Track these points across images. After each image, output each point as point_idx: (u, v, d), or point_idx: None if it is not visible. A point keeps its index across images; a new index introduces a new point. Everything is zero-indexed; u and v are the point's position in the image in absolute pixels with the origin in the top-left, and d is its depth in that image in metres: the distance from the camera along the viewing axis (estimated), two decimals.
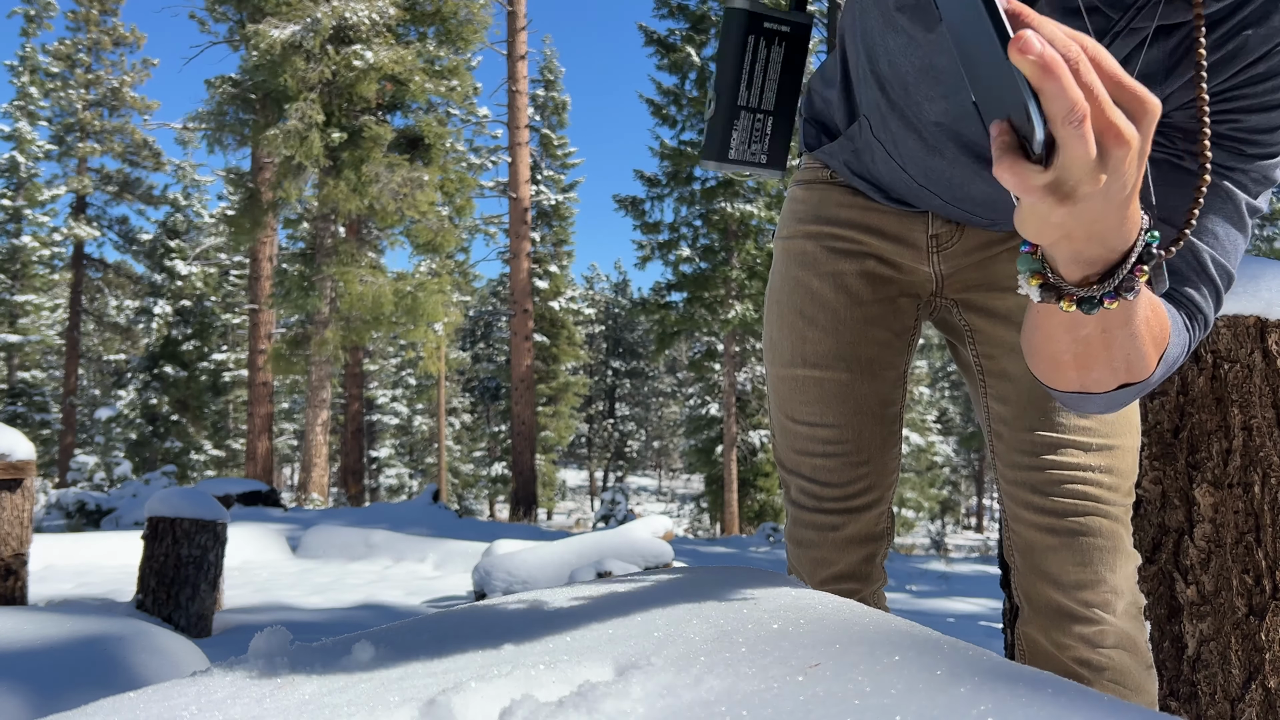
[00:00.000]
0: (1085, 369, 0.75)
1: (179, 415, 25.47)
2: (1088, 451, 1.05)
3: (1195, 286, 0.82)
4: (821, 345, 1.17)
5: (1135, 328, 0.71)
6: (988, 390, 1.14)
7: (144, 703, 0.53)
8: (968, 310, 1.16)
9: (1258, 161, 0.80)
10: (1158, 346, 0.75)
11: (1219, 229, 0.81)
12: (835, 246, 1.17)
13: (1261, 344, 1.45)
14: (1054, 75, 0.50)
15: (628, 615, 0.65)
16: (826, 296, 1.17)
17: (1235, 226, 0.82)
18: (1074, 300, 0.64)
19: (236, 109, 17.28)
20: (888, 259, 1.16)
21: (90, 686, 1.85)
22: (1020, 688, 0.49)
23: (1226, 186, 0.81)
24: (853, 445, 1.17)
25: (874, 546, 1.22)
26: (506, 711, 0.48)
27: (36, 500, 12.00)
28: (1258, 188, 0.82)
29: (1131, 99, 0.54)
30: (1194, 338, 0.84)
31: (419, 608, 5.57)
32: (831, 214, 1.17)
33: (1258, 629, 1.41)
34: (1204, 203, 0.80)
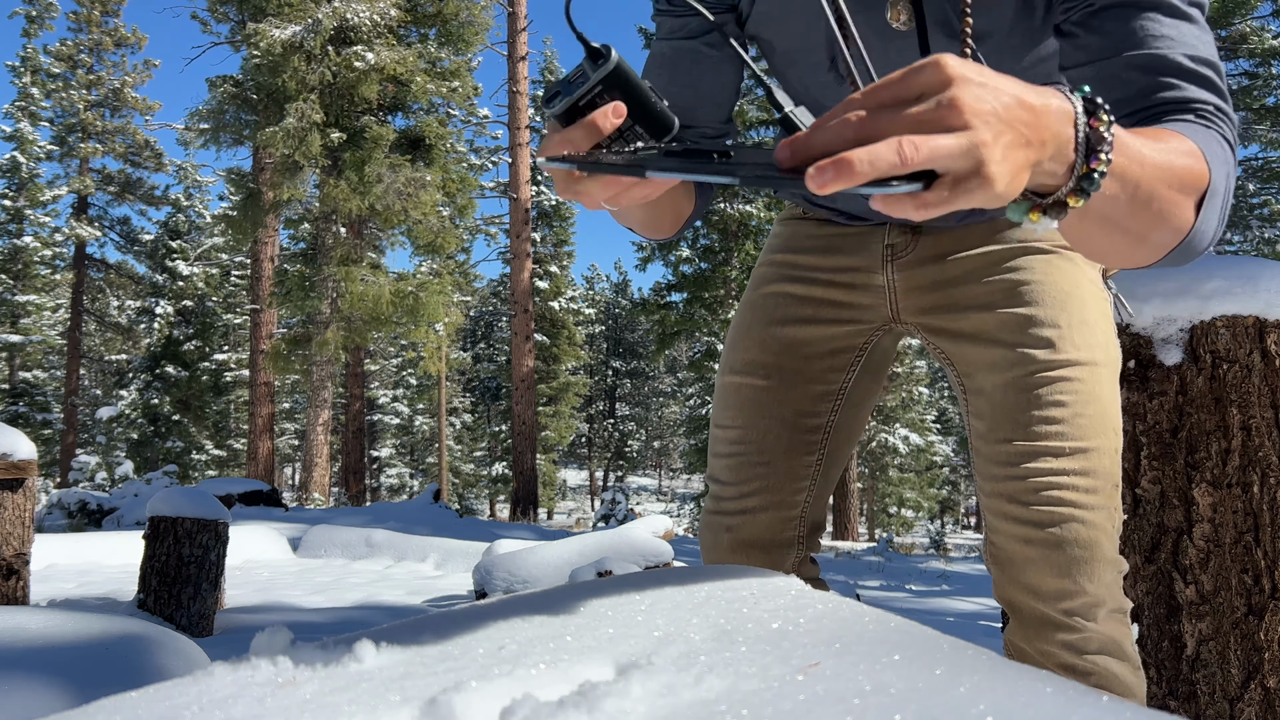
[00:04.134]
0: (1145, 238, 0.74)
1: (180, 415, 25.48)
2: (1061, 457, 1.04)
3: (1181, 89, 0.82)
4: (748, 354, 1.22)
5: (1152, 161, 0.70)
6: (968, 407, 1.14)
7: (145, 702, 0.53)
8: (934, 335, 1.17)
9: None
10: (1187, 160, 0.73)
11: (1167, 30, 0.83)
12: (791, 273, 1.23)
13: (1260, 344, 1.45)
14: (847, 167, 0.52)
15: (628, 615, 0.65)
16: (766, 311, 1.23)
17: (1180, 19, 0.84)
18: (1074, 194, 0.64)
19: (237, 109, 17.28)
20: (843, 282, 1.20)
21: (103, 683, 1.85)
22: (1020, 687, 0.49)
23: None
24: (754, 446, 1.19)
25: (776, 556, 1.21)
26: (507, 711, 0.48)
27: (38, 500, 12.01)
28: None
29: (919, 83, 0.55)
30: (1224, 131, 0.81)
31: (420, 607, 5.58)
32: (798, 244, 1.25)
33: (1256, 628, 1.41)
34: (1139, 19, 0.83)
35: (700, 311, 19.31)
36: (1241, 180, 16.07)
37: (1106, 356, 1.08)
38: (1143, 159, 0.69)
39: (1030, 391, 1.04)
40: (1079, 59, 0.88)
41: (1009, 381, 1.07)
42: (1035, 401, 1.04)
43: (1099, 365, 1.06)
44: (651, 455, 50.10)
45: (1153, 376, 1.53)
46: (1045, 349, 1.05)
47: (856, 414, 1.26)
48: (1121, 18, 0.85)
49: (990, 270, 1.12)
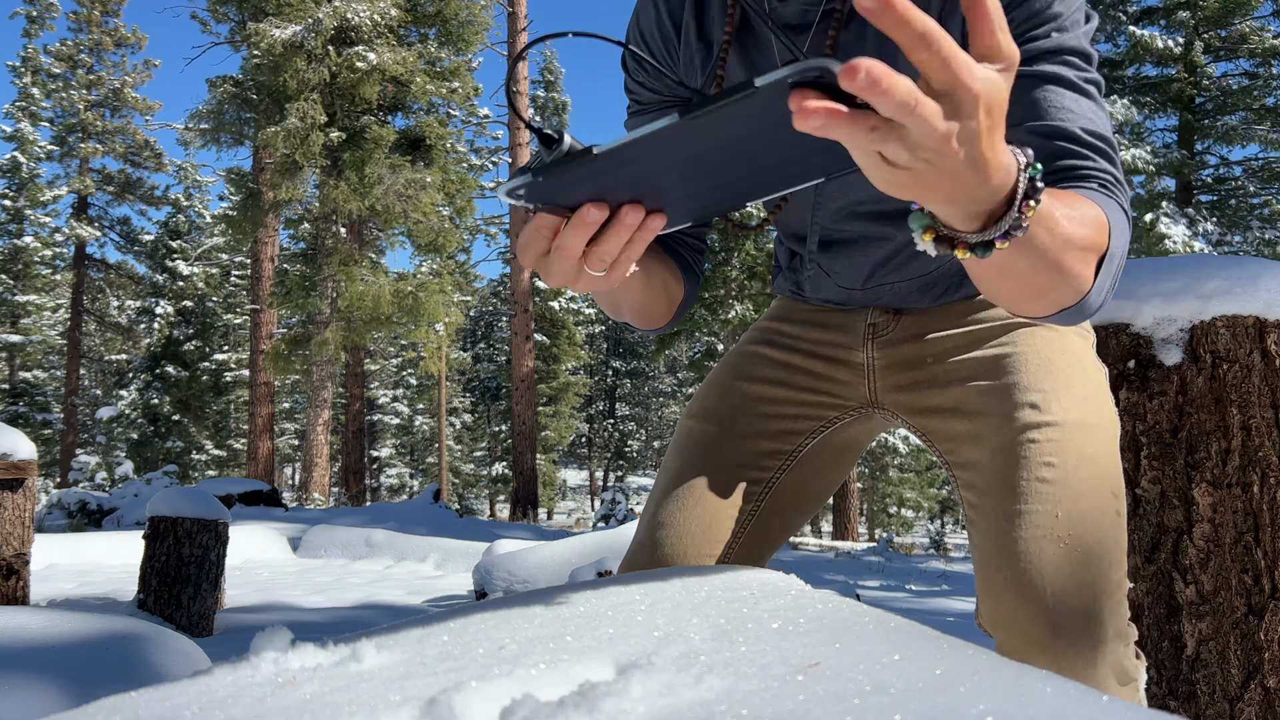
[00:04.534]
0: (1045, 292, 0.77)
1: (180, 415, 25.48)
2: (1052, 521, 0.98)
3: (1079, 156, 0.86)
4: (707, 402, 1.24)
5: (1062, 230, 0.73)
6: (959, 482, 1.10)
7: (144, 702, 0.53)
8: (915, 415, 1.15)
9: (1044, 40, 0.88)
10: (1092, 227, 0.77)
11: (1067, 103, 0.87)
12: (773, 338, 1.25)
13: (1260, 344, 1.45)
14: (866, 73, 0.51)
15: (628, 615, 0.65)
16: (738, 367, 1.25)
17: (1079, 94, 0.88)
18: (967, 247, 0.66)
19: (237, 109, 17.29)
20: (823, 354, 1.21)
21: (103, 682, 1.85)
22: (1020, 687, 0.49)
23: (1044, 70, 0.88)
24: (686, 486, 1.17)
25: None
26: (507, 711, 0.48)
27: (38, 500, 12.02)
28: (1069, 58, 0.89)
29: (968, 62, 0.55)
30: (1120, 200, 0.86)
31: (420, 607, 5.58)
32: (786, 314, 1.27)
33: (1256, 628, 1.41)
34: (1040, 91, 0.88)
35: (700, 311, 19.31)
36: (1241, 180, 16.05)
37: (1101, 419, 1.03)
38: (1054, 226, 0.72)
39: (1017, 455, 1.00)
40: None
41: (994, 449, 1.03)
42: (1024, 465, 0.99)
43: (1091, 426, 1.02)
44: (651, 455, 50.13)
45: (1153, 376, 1.53)
46: (1030, 411, 1.02)
47: (812, 479, 1.23)
48: (1024, 89, 0.88)
49: (972, 346, 1.11)
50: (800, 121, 0.52)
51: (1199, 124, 15.67)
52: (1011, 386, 1.05)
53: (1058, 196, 0.75)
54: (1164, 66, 15.67)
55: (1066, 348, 1.08)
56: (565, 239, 0.68)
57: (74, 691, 1.82)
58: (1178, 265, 1.55)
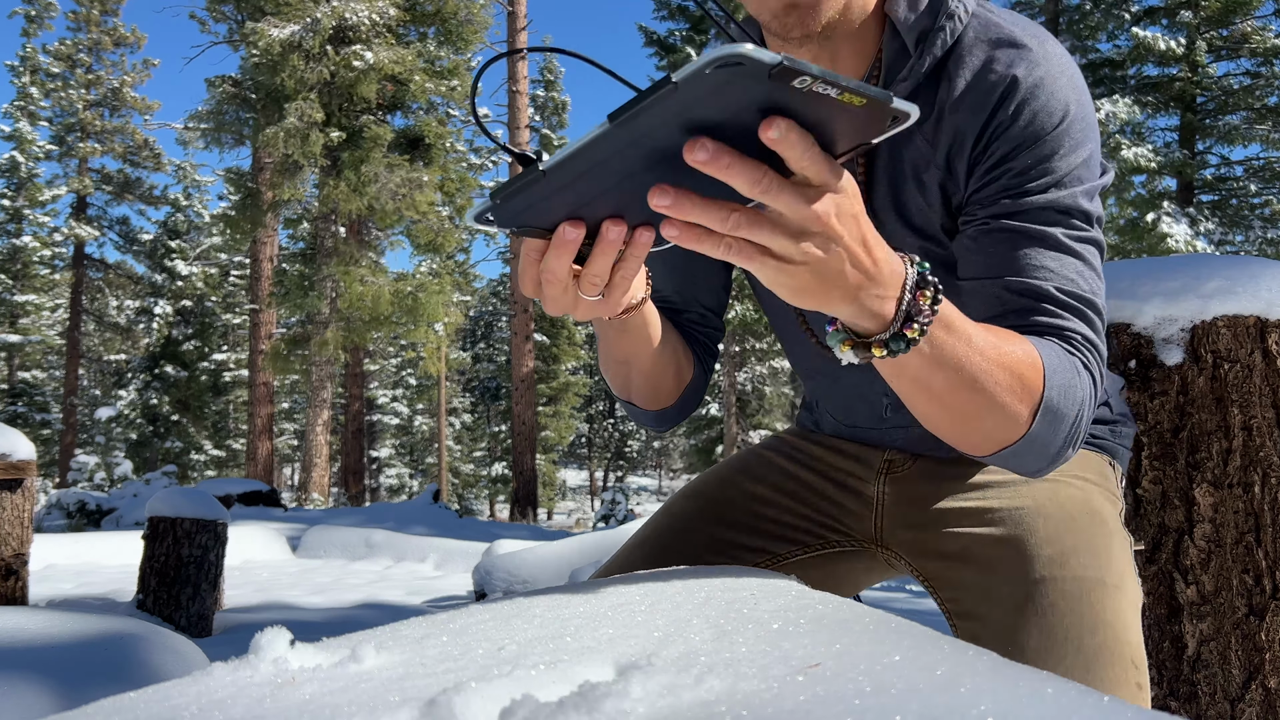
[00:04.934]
0: (971, 418, 0.78)
1: (179, 415, 25.48)
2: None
3: (1052, 314, 0.86)
4: (702, 487, 1.22)
5: (979, 349, 0.75)
6: (958, 632, 1.02)
7: (144, 702, 0.53)
8: (919, 557, 1.08)
9: (1038, 196, 0.88)
10: (1022, 362, 0.78)
11: (1049, 262, 0.87)
12: (789, 451, 1.23)
13: (1261, 344, 1.45)
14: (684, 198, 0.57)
15: (628, 615, 0.65)
16: (746, 465, 1.23)
17: (1065, 253, 0.87)
18: (881, 345, 0.70)
19: (236, 108, 17.29)
20: (835, 479, 1.17)
21: (101, 682, 1.85)
22: (1021, 688, 0.49)
23: (1032, 228, 0.88)
24: (642, 555, 1.16)
25: None
26: (506, 711, 0.48)
27: (37, 500, 12.00)
28: (1061, 217, 0.88)
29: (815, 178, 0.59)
30: (1087, 360, 0.85)
31: (420, 607, 5.58)
32: (808, 435, 1.26)
33: (1258, 629, 1.41)
34: (1024, 247, 0.88)
35: None
36: (1242, 180, 16.05)
37: (1123, 583, 0.94)
38: (969, 340, 0.74)
39: (1027, 614, 0.91)
40: (966, 273, 0.92)
41: (1003, 605, 0.93)
42: (1034, 625, 0.90)
43: (1112, 588, 0.92)
44: (651, 455, 50.13)
45: (1154, 376, 1.53)
46: (1046, 566, 0.93)
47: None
48: (1006, 243, 0.88)
49: (988, 493, 1.04)
50: (689, 152, 0.55)
51: (1200, 123, 15.68)
52: (1027, 539, 0.97)
53: (983, 325, 0.77)
54: (1166, 66, 15.68)
55: (1092, 507, 1.01)
56: (549, 262, 0.69)
57: (73, 692, 1.82)
58: (1178, 265, 1.55)
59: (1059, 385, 0.81)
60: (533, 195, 0.61)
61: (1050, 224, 0.88)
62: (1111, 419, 1.15)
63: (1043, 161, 0.89)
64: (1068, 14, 16.65)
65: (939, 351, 0.72)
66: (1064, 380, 0.81)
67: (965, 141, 0.93)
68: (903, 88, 0.95)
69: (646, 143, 0.56)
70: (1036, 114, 0.89)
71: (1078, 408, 0.83)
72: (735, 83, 0.52)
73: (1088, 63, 16.59)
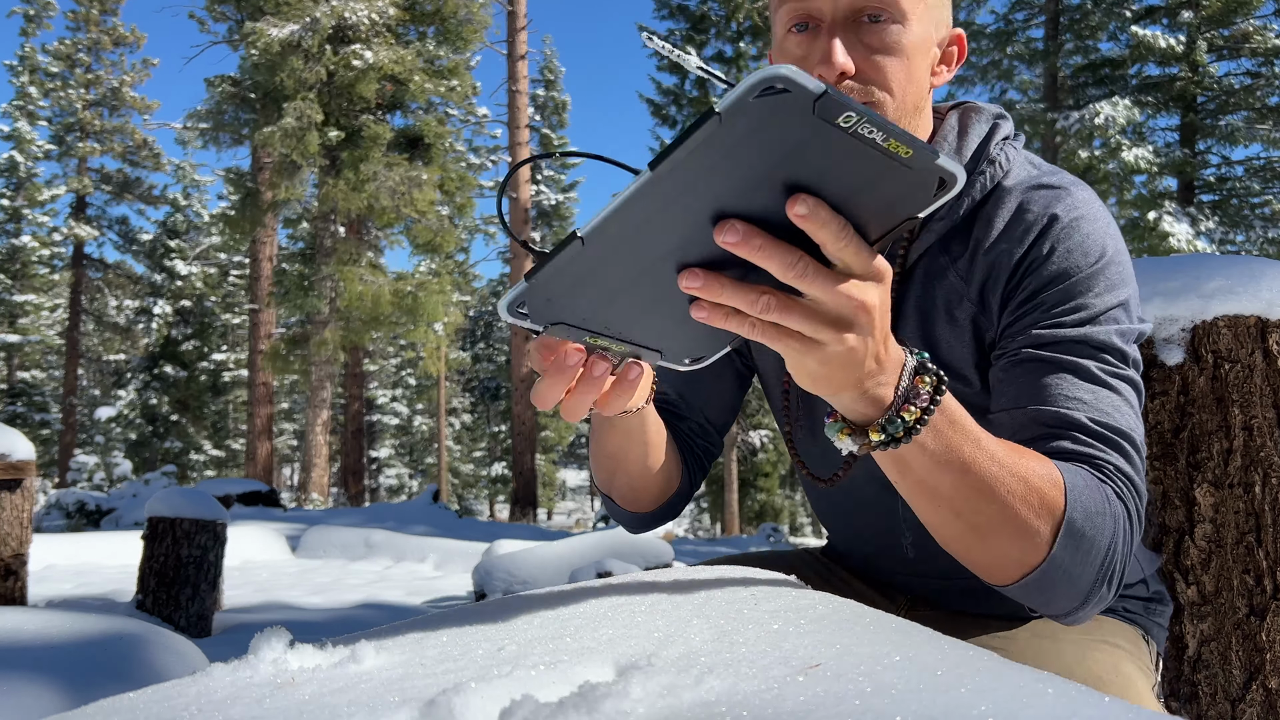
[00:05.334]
0: (985, 533, 0.74)
1: (179, 415, 25.47)
2: None
3: (1082, 443, 0.82)
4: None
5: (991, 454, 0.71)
6: None
7: (144, 703, 0.53)
8: None
9: (1072, 329, 0.87)
10: (1040, 476, 0.74)
11: (1082, 393, 0.84)
12: (823, 571, 1.20)
13: (1262, 344, 1.45)
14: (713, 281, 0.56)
15: (628, 615, 0.65)
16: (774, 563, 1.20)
17: (1099, 386, 0.85)
18: (879, 429, 0.67)
19: (235, 108, 17.29)
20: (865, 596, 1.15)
21: (100, 683, 1.85)
22: (1022, 688, 0.49)
23: (1064, 359, 0.86)
24: None
25: None
26: (506, 712, 0.48)
27: (36, 500, 12.01)
28: (1095, 352, 0.86)
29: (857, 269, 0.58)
30: (1121, 491, 0.81)
31: (419, 607, 5.57)
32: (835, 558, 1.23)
33: (1258, 629, 1.41)
34: (1056, 377, 0.85)
35: None
36: (1243, 180, 16.05)
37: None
38: (979, 443, 0.71)
39: None
40: (996, 405, 0.90)
41: None
42: None
43: None
44: None
45: (1154, 377, 1.52)
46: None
47: None
48: (1037, 372, 0.86)
49: (1009, 647, 0.99)
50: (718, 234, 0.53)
51: (1201, 123, 15.68)
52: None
53: (999, 441, 0.74)
54: (1166, 66, 15.69)
55: (1121, 670, 0.96)
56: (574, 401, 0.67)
57: (72, 692, 1.82)
58: (1179, 264, 1.55)
59: (1084, 508, 0.76)
60: (571, 273, 0.56)
61: (1084, 357, 0.86)
62: (1147, 596, 1.11)
63: (1077, 296, 0.88)
64: (1068, 14, 16.65)
65: (945, 446, 0.69)
66: (1090, 504, 0.77)
67: (1000, 275, 0.92)
68: (939, 226, 0.96)
69: (696, 193, 0.52)
70: (1072, 251, 0.89)
71: (1109, 539, 0.77)
72: (778, 116, 0.49)
73: (1088, 63, 16.59)
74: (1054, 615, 0.80)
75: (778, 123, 0.49)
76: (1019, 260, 0.91)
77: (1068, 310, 0.87)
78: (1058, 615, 0.80)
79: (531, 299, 0.57)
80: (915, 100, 0.93)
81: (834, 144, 0.51)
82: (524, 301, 0.57)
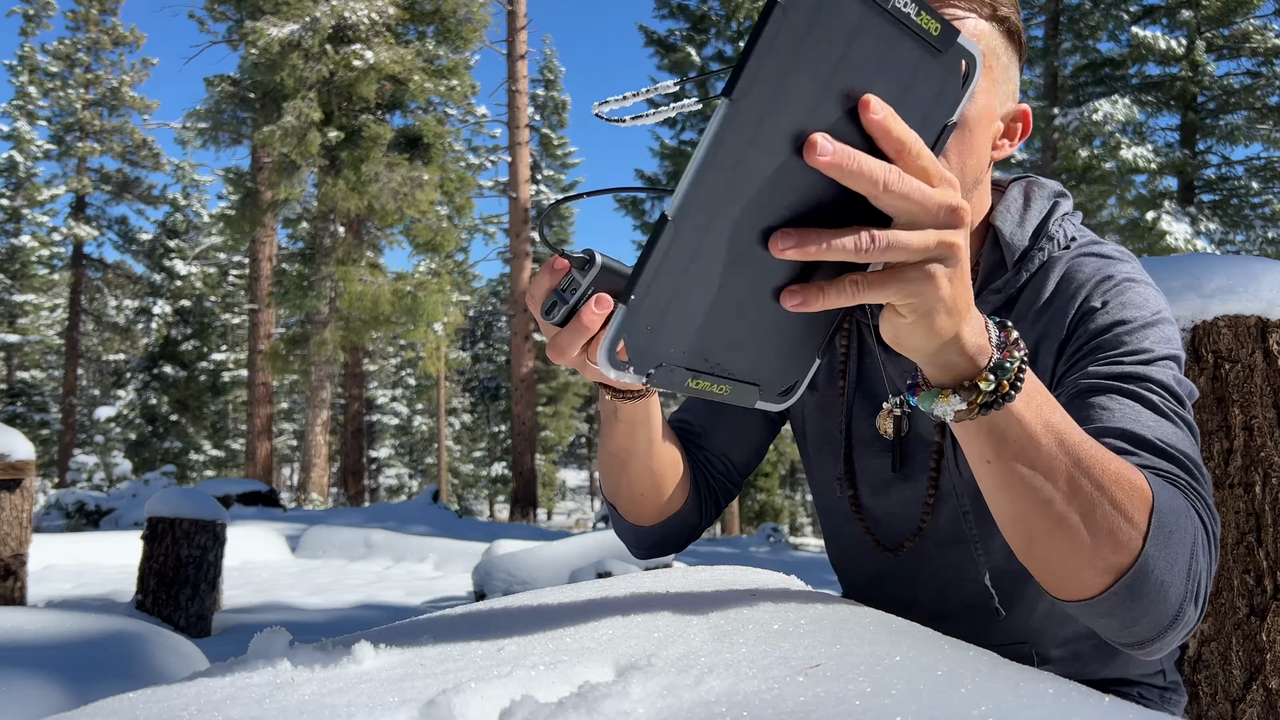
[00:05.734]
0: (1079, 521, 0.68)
1: (178, 415, 25.47)
2: None
3: (1149, 461, 0.78)
4: None
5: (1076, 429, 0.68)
6: None
7: (143, 703, 0.53)
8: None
9: (1129, 365, 0.86)
10: (1123, 464, 0.70)
11: (1145, 418, 0.81)
12: None
13: (1262, 344, 1.45)
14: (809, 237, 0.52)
15: (628, 615, 0.65)
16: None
17: (1161, 416, 0.82)
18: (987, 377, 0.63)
19: (235, 107, 17.29)
20: None
21: (99, 683, 1.85)
22: (1021, 688, 0.49)
23: (1125, 387, 0.84)
24: None
25: None
26: (506, 712, 0.48)
27: (36, 500, 12.00)
28: (1154, 386, 0.84)
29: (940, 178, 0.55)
30: (1196, 504, 0.76)
31: (419, 608, 5.57)
32: None
33: (1259, 629, 1.41)
34: (1118, 403, 0.83)
35: None
36: (1243, 180, 16.06)
37: None
38: (1066, 414, 0.68)
39: None
40: None
41: None
42: None
43: None
44: None
45: None
46: None
47: None
48: (1098, 400, 0.84)
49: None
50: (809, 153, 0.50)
51: (1201, 123, 15.68)
52: None
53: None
54: (1166, 66, 15.69)
55: None
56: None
57: (72, 692, 1.82)
58: (1179, 264, 1.55)
59: (1168, 502, 0.71)
60: (668, 278, 0.52)
61: (1143, 388, 0.84)
62: (1164, 685, 1.08)
63: (1134, 342, 0.87)
64: (1068, 13, 16.65)
65: (1039, 410, 0.66)
66: (1172, 500, 0.72)
67: (1054, 334, 0.93)
68: (994, 299, 0.97)
69: (765, 131, 0.50)
70: (1125, 305, 0.90)
71: (1191, 543, 0.72)
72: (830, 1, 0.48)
73: (1088, 63, 16.60)
74: (1139, 642, 0.73)
75: (830, 8, 0.49)
76: (1073, 316, 0.92)
77: (1125, 352, 0.87)
78: (1144, 641, 0.73)
79: (632, 332, 0.52)
80: (974, 173, 0.94)
81: (877, 31, 0.50)
82: (624, 338, 0.52)
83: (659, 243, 0.50)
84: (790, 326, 0.59)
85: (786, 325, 0.59)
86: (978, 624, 1.02)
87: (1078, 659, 1.03)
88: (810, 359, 0.63)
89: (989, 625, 1.02)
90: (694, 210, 0.50)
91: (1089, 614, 0.72)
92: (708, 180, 0.49)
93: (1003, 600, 1.00)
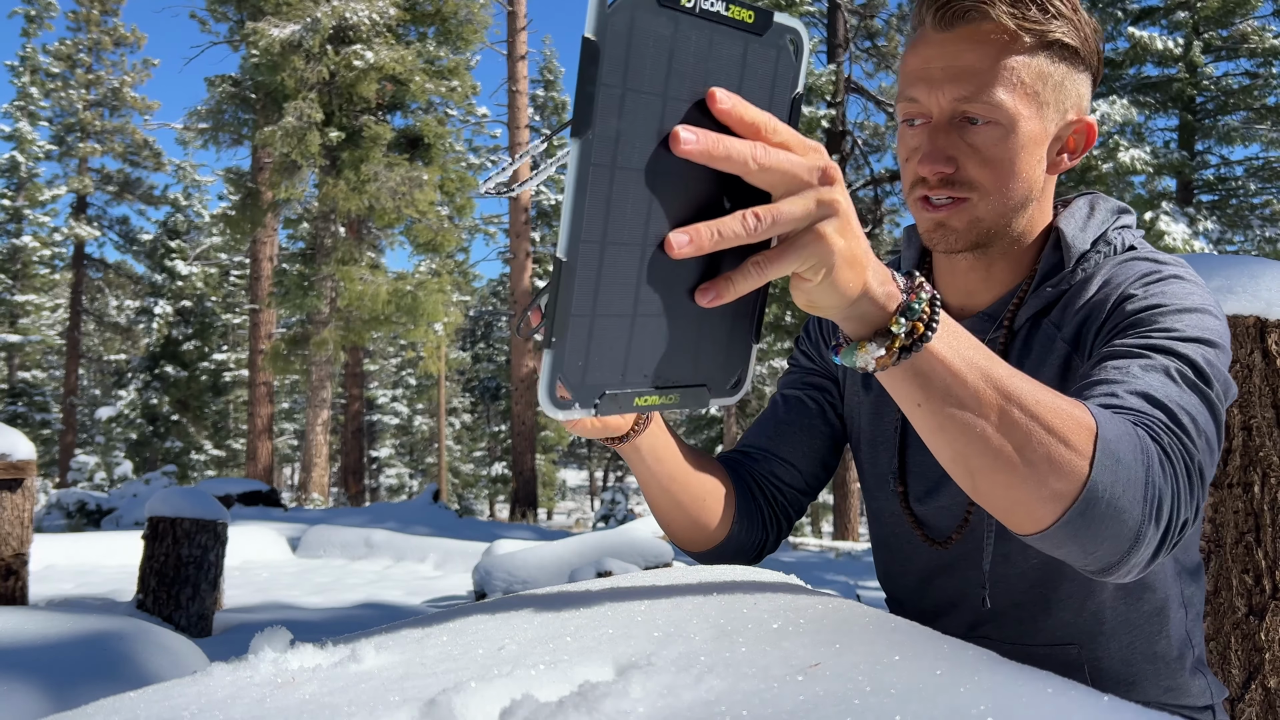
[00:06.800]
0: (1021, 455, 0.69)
1: (179, 415, 25.47)
2: None
3: (1125, 401, 0.79)
4: None
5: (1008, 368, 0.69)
6: None
7: (144, 703, 0.53)
8: None
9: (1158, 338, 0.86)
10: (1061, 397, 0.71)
11: (1154, 380, 0.81)
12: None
13: (1261, 344, 1.45)
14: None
15: (628, 615, 0.65)
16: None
17: (1174, 383, 0.82)
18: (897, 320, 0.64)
19: (236, 108, 17.29)
20: None
21: (98, 682, 1.85)
22: (1021, 688, 0.49)
23: (1143, 353, 0.85)
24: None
25: None
26: (506, 712, 0.48)
27: (37, 500, 12.00)
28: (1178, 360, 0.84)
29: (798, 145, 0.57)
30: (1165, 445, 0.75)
31: (419, 607, 5.57)
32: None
33: (1257, 629, 1.41)
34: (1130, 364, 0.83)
35: None
36: (1242, 180, 16.06)
37: None
38: (993, 356, 0.69)
39: None
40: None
41: None
42: None
43: None
44: None
45: None
46: None
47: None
48: (1114, 367, 0.84)
49: None
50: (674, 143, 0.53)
51: (1199, 124, 15.68)
52: None
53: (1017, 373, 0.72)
54: (1164, 66, 15.69)
55: None
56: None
57: (72, 692, 1.82)
58: None
59: (1113, 429, 0.72)
60: (580, 309, 0.53)
61: (1166, 359, 0.83)
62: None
63: (1169, 320, 0.88)
64: None
65: (960, 351, 0.67)
66: (1118, 427, 0.73)
67: (1097, 315, 0.96)
68: (1048, 293, 1.00)
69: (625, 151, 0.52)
70: (1167, 293, 0.91)
71: (1145, 467, 0.72)
72: (639, 23, 0.50)
73: None
74: (1105, 567, 0.75)
75: (642, 30, 0.50)
76: (1115, 300, 0.94)
77: (1157, 329, 0.87)
78: (1109, 566, 0.74)
79: (565, 371, 0.54)
80: (1023, 194, 0.97)
81: (695, 35, 0.53)
82: (559, 379, 0.53)
83: (561, 284, 0.52)
84: (716, 322, 0.61)
85: (712, 322, 0.61)
86: (1025, 622, 1.04)
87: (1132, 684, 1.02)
88: (747, 347, 0.65)
89: (1037, 624, 1.03)
90: (582, 244, 0.52)
91: (1050, 545, 0.73)
92: (585, 213, 0.51)
93: (1045, 595, 1.02)
